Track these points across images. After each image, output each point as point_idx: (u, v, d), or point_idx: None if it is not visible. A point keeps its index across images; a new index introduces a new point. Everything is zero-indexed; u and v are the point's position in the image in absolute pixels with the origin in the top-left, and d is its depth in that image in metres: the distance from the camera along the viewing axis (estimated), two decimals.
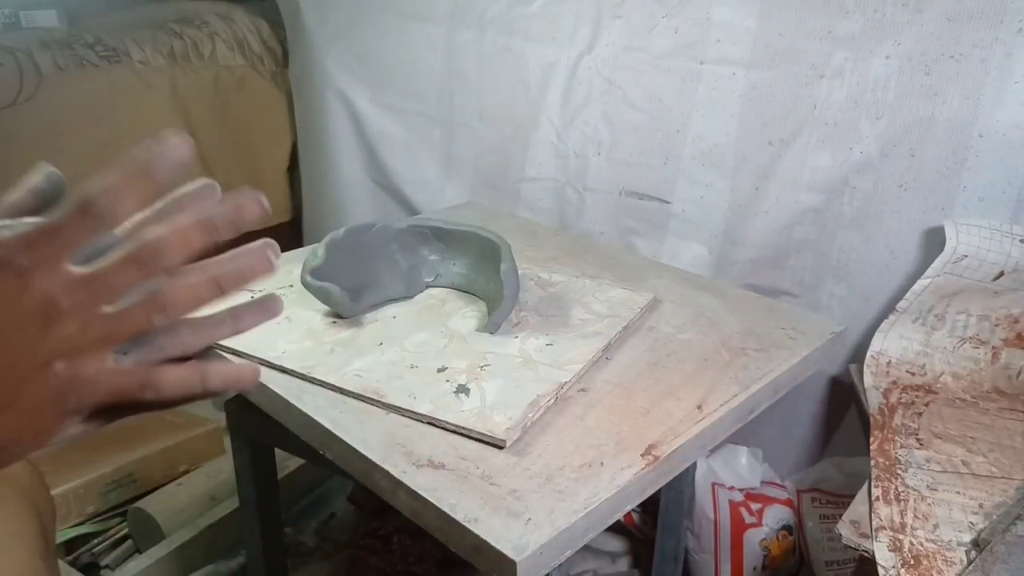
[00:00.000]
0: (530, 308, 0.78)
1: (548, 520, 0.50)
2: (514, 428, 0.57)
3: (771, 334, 0.76)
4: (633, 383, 0.66)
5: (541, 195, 1.19)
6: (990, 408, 0.81)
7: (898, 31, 0.86)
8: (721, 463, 1.06)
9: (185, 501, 1.15)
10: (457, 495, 0.52)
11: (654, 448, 0.57)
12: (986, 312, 0.84)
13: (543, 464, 0.55)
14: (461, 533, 0.49)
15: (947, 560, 0.59)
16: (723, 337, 0.75)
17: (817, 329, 0.78)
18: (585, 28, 1.09)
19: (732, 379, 0.68)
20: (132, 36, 1.35)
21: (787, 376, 0.71)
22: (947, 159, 0.86)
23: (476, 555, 0.49)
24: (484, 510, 0.50)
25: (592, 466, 0.55)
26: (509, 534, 0.48)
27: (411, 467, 0.54)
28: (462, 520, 0.49)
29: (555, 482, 0.53)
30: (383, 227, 0.79)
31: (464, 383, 0.64)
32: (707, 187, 1.04)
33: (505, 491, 0.52)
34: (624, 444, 0.58)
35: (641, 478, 0.55)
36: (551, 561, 0.49)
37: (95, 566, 1.09)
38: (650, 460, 0.56)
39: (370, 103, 1.33)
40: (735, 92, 0.98)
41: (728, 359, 0.71)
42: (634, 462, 0.56)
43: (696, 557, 1.06)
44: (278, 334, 0.71)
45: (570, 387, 0.65)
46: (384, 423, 0.60)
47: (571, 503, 0.51)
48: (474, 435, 0.57)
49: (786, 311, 0.83)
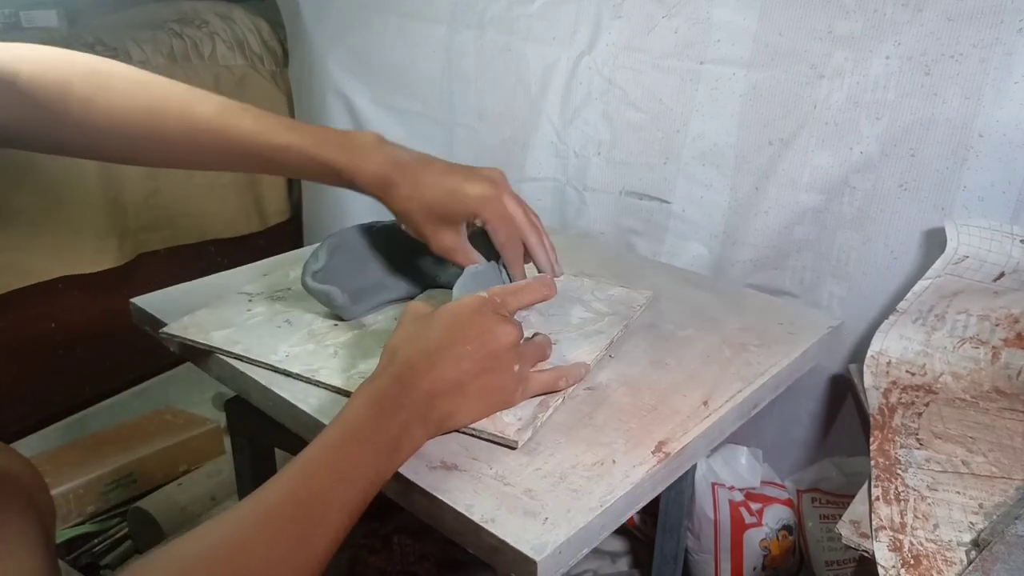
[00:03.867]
0: (531, 308, 0.78)
1: (565, 519, 0.50)
2: (525, 429, 0.57)
3: (769, 330, 0.77)
4: (638, 381, 0.67)
5: (541, 195, 1.19)
6: (990, 408, 0.81)
7: (898, 31, 0.86)
8: (721, 463, 1.06)
9: (185, 501, 1.15)
10: (472, 496, 0.52)
11: (664, 444, 0.58)
12: (986, 312, 0.84)
13: (556, 463, 0.55)
14: (478, 534, 0.49)
15: (947, 560, 0.59)
16: (723, 334, 0.75)
17: (814, 324, 0.78)
18: (585, 28, 1.09)
19: (735, 375, 0.68)
20: (132, 36, 1.35)
21: (787, 371, 0.71)
22: (947, 159, 0.86)
23: (495, 555, 0.49)
24: (500, 510, 0.50)
25: (604, 464, 0.55)
26: (527, 534, 0.48)
27: (424, 468, 0.54)
28: (479, 521, 0.49)
29: (569, 481, 0.53)
30: (384, 227, 0.78)
31: None
32: (707, 187, 1.04)
33: (520, 491, 0.52)
34: (635, 441, 0.58)
35: (653, 475, 0.55)
36: (569, 560, 0.50)
37: (95, 566, 1.09)
38: (661, 456, 0.56)
39: (370, 103, 1.33)
40: (735, 92, 0.98)
41: (730, 355, 0.72)
42: (646, 459, 0.56)
43: (696, 557, 1.06)
44: (279, 337, 0.71)
45: (577, 386, 0.65)
46: None
47: (587, 501, 0.51)
48: (484, 436, 0.57)
49: (782, 307, 0.84)
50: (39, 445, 1.24)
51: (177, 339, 0.71)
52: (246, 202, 1.53)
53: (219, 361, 0.70)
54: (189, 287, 0.83)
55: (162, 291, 0.81)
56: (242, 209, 1.53)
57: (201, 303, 0.77)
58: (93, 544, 1.11)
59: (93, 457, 1.17)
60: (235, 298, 0.78)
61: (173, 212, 1.40)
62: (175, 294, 0.81)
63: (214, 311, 0.75)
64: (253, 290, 0.80)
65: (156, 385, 1.44)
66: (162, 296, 0.80)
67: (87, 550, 1.10)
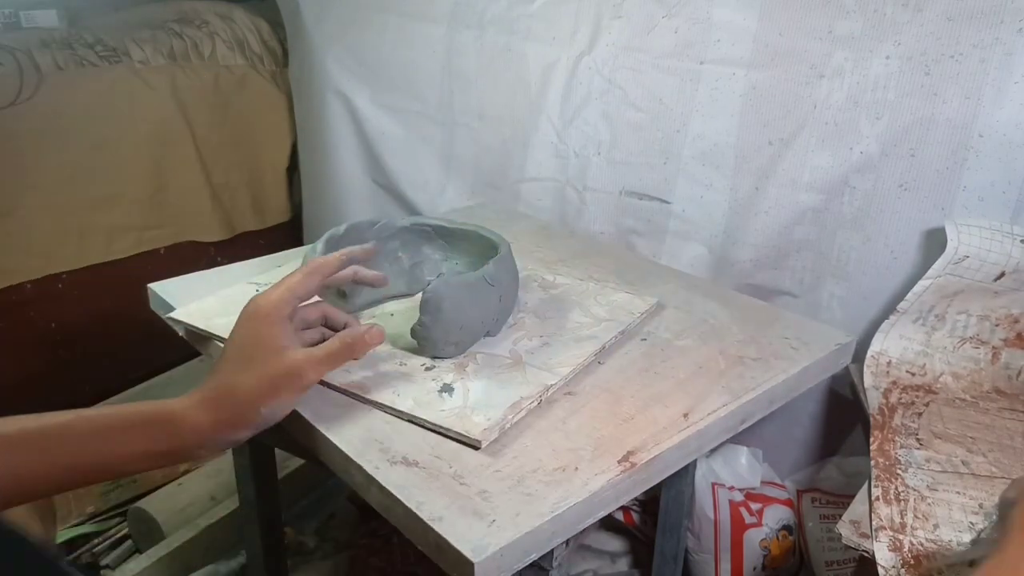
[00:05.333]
0: (529, 309, 0.77)
1: (512, 522, 0.49)
2: (491, 429, 0.57)
3: (772, 343, 0.74)
4: (622, 388, 0.65)
5: (541, 195, 1.19)
6: (990, 408, 0.81)
7: (898, 31, 0.86)
8: (721, 463, 1.06)
9: (185, 501, 1.15)
10: (425, 493, 0.52)
11: (632, 455, 0.56)
12: (986, 312, 0.84)
13: (517, 466, 0.55)
14: (425, 531, 0.50)
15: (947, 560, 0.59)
16: (722, 345, 0.73)
17: (821, 340, 0.75)
18: (585, 28, 1.09)
19: (724, 388, 0.66)
20: (132, 36, 1.35)
21: (783, 387, 0.69)
22: (947, 159, 0.86)
23: (438, 554, 0.49)
24: (450, 509, 0.50)
25: (566, 470, 0.55)
26: (471, 534, 0.48)
27: (385, 463, 0.55)
28: (426, 518, 0.49)
29: (525, 485, 0.53)
30: (385, 224, 0.79)
31: (449, 382, 0.64)
32: (707, 187, 1.04)
33: (474, 491, 0.52)
34: (603, 449, 0.57)
35: (615, 485, 0.54)
36: (513, 564, 0.49)
37: (95, 566, 1.09)
38: (627, 467, 0.55)
39: (370, 103, 1.33)
40: (735, 92, 0.98)
41: (723, 367, 0.69)
42: (609, 468, 0.55)
43: (696, 557, 1.06)
44: None
45: (556, 390, 0.64)
46: (367, 419, 0.60)
47: (538, 506, 0.51)
48: (451, 435, 0.57)
49: (792, 321, 0.80)
50: None
51: (181, 324, 0.74)
52: (246, 202, 1.53)
53: (216, 348, 0.72)
54: (206, 275, 0.85)
55: (180, 278, 0.84)
56: (242, 209, 1.53)
57: (215, 291, 0.79)
58: (93, 544, 1.11)
59: None
60: (243, 288, 0.80)
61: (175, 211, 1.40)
62: (192, 281, 0.83)
63: (220, 299, 0.77)
64: (262, 280, 0.82)
65: (156, 385, 1.44)
66: (178, 283, 0.82)
67: (87, 550, 1.10)
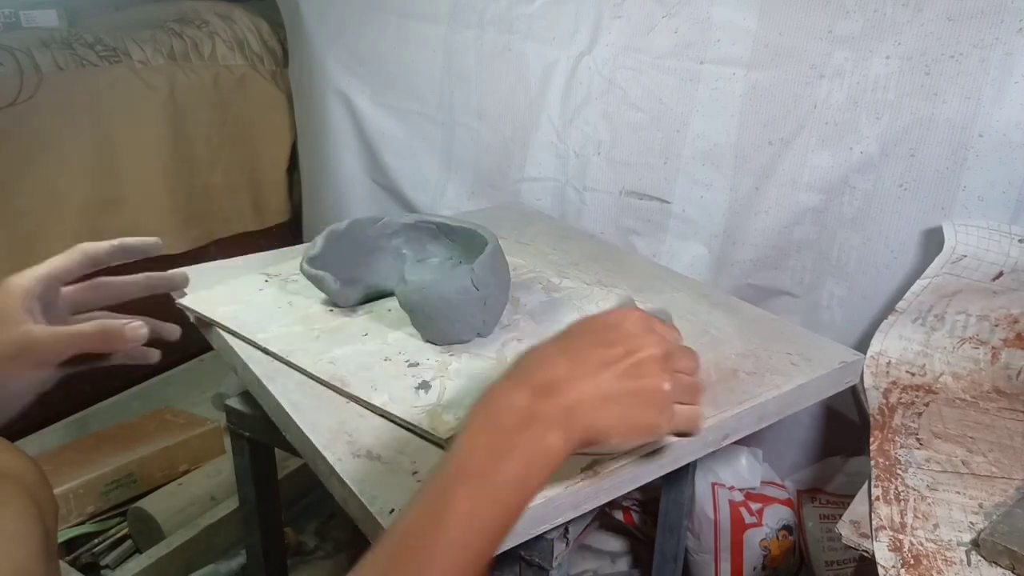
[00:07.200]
0: (527, 312, 0.77)
1: None
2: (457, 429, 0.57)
3: (772, 358, 0.71)
4: None
5: (541, 195, 1.19)
6: (990, 408, 0.81)
7: (898, 31, 0.86)
8: (721, 463, 1.06)
9: (185, 501, 1.15)
10: (380, 488, 0.52)
11: (597, 464, 0.55)
12: (986, 312, 0.84)
13: None
14: (375, 526, 0.50)
15: (947, 560, 0.59)
16: (718, 357, 0.71)
17: (826, 357, 0.72)
18: (585, 28, 1.09)
19: (709, 401, 0.62)
20: (132, 36, 1.35)
21: (775, 404, 0.66)
22: (947, 159, 0.86)
23: None
24: (402, 505, 0.50)
25: None
26: None
27: (348, 456, 0.55)
28: (376, 513, 0.50)
29: None
30: (388, 221, 0.80)
31: (428, 379, 0.64)
32: (707, 187, 1.04)
33: None
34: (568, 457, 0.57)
35: (574, 493, 0.54)
36: None
37: (95, 566, 1.09)
38: (590, 475, 0.54)
39: (370, 103, 1.33)
40: (735, 92, 0.98)
41: (714, 380, 0.67)
42: (571, 475, 0.54)
43: (696, 557, 1.06)
44: (274, 317, 0.73)
45: None
46: (342, 411, 0.60)
47: None
48: (418, 431, 0.58)
49: (799, 335, 0.77)
50: (39, 445, 1.24)
51: (189, 310, 0.75)
52: (246, 202, 1.53)
53: (218, 335, 0.72)
54: (224, 264, 0.87)
55: (199, 265, 0.85)
56: (242, 209, 1.53)
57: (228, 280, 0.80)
58: (93, 544, 1.11)
59: (93, 457, 1.17)
60: (253, 278, 0.81)
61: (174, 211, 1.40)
62: (210, 269, 0.84)
63: (230, 288, 0.78)
64: (273, 272, 0.83)
65: (156, 385, 1.44)
66: (196, 271, 0.82)
67: (87, 550, 1.10)
